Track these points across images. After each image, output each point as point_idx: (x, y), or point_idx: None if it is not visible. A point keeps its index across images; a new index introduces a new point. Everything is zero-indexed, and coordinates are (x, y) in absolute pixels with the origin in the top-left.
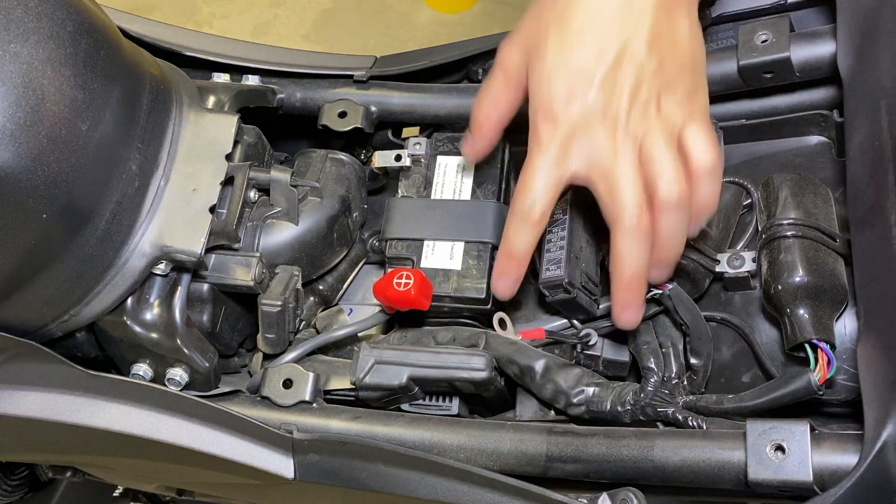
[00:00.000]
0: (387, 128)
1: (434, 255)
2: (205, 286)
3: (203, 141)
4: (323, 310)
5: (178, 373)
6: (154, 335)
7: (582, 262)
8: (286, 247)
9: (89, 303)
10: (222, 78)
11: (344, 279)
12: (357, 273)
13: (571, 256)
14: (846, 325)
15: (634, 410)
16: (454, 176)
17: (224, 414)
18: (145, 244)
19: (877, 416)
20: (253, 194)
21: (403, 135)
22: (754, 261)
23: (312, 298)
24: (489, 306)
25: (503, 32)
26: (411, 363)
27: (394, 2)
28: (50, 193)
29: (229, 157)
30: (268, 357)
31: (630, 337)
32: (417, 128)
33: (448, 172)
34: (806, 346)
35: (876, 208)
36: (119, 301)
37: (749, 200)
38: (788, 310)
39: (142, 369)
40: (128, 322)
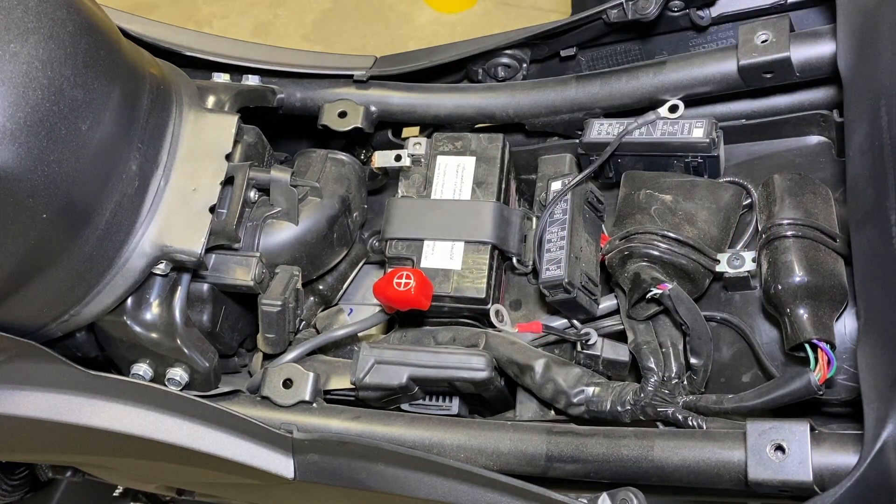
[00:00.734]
0: (387, 128)
1: (434, 255)
2: (205, 286)
3: (203, 141)
4: (323, 310)
5: (178, 373)
6: (154, 335)
7: (582, 262)
8: (286, 247)
9: (89, 303)
10: (222, 78)
11: (344, 279)
12: (357, 273)
13: (571, 256)
14: (846, 325)
15: (634, 410)
16: (454, 176)
17: (224, 414)
18: (145, 244)
19: (877, 416)
20: (253, 194)
21: (403, 135)
22: (754, 261)
23: (312, 298)
24: (489, 306)
25: (503, 32)
26: (411, 363)
27: (394, 2)
28: (50, 193)
29: (229, 157)
30: (268, 357)
31: (630, 337)
32: (417, 128)
33: (448, 172)
34: (806, 346)
35: (876, 208)
36: (119, 301)
37: (749, 200)
38: (788, 310)
39: (142, 369)
40: (128, 322)
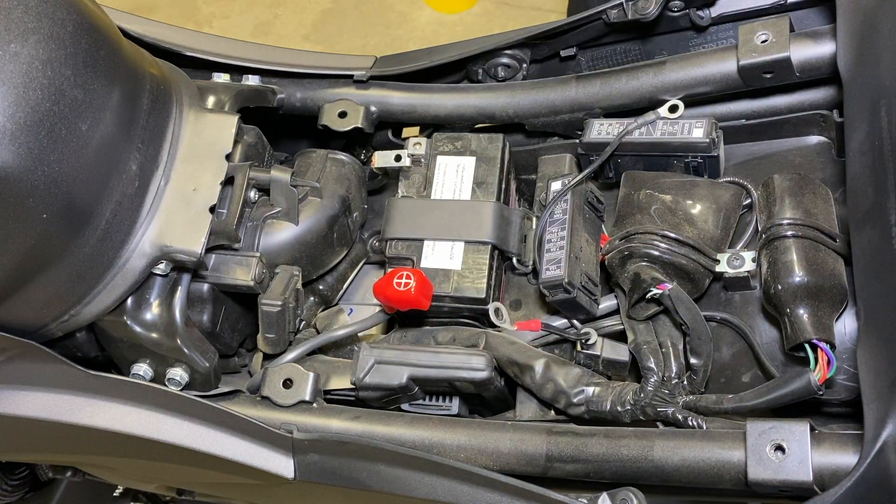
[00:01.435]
0: (387, 128)
1: (434, 255)
2: (205, 286)
3: (203, 141)
4: (323, 310)
5: (178, 373)
6: (154, 335)
7: (582, 262)
8: (286, 247)
9: (89, 303)
10: (222, 78)
11: (344, 279)
12: (357, 273)
13: (571, 256)
14: (846, 325)
15: (634, 410)
16: (454, 176)
17: (224, 414)
18: (145, 244)
19: (877, 416)
20: (253, 194)
21: (403, 135)
22: (754, 261)
23: (312, 298)
24: (488, 306)
25: (503, 32)
26: (411, 363)
27: (394, 2)
28: (50, 193)
29: (229, 157)
30: (268, 357)
31: (630, 337)
32: (417, 128)
33: (448, 172)
34: (806, 346)
35: (876, 208)
36: (119, 301)
37: (749, 200)
38: (788, 310)
39: (142, 369)
40: (128, 322)
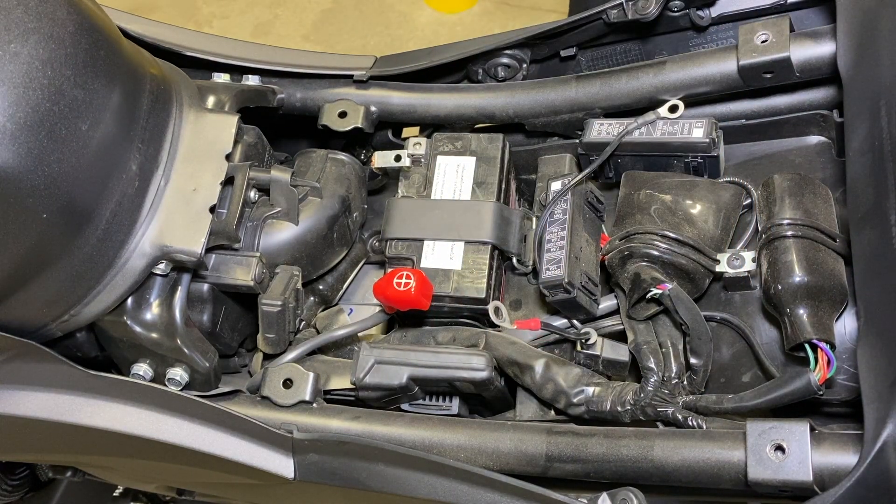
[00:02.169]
0: (387, 128)
1: (434, 255)
2: (205, 286)
3: (203, 141)
4: (323, 310)
5: (178, 373)
6: (154, 335)
7: (582, 262)
8: (286, 247)
9: (89, 303)
10: (222, 78)
11: (344, 279)
12: (357, 273)
13: (571, 256)
14: (846, 325)
15: (634, 410)
16: (454, 176)
17: (224, 414)
18: (145, 244)
19: (877, 416)
20: (253, 194)
21: (403, 135)
22: (754, 261)
23: (312, 298)
24: (488, 305)
25: (503, 32)
26: (411, 363)
27: (394, 2)
28: (50, 193)
29: (229, 157)
30: (268, 357)
31: (630, 337)
32: (417, 128)
33: (448, 172)
34: (806, 346)
35: (876, 208)
36: (119, 301)
37: (749, 200)
38: (788, 310)
39: (142, 369)
40: (128, 322)
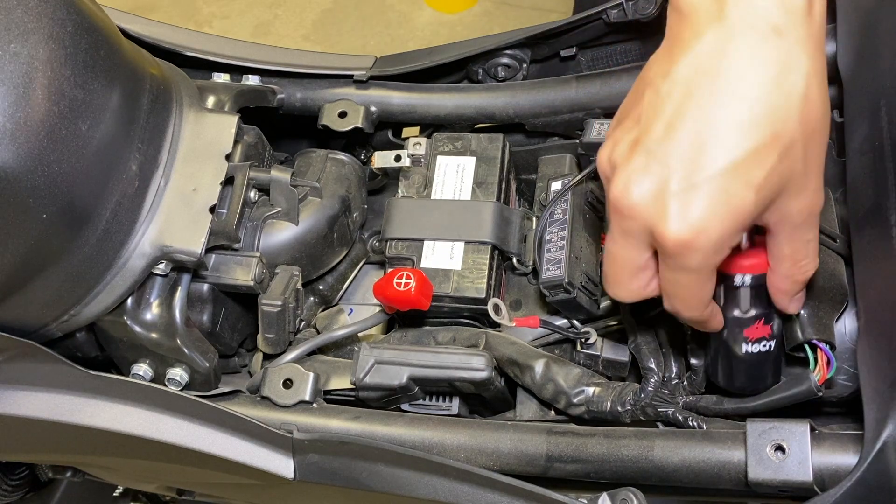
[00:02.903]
0: (387, 128)
1: (434, 255)
2: (205, 286)
3: (203, 141)
4: (323, 310)
5: (178, 373)
6: (154, 335)
7: (582, 262)
8: (286, 247)
9: (89, 303)
10: (222, 78)
11: (344, 279)
12: (357, 273)
13: (571, 256)
14: (846, 325)
15: (634, 410)
16: (454, 176)
17: (224, 414)
18: (145, 244)
19: (877, 416)
20: (253, 194)
21: (403, 135)
22: None
23: (312, 298)
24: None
25: (503, 32)
26: (411, 363)
27: (394, 2)
28: (50, 193)
29: (229, 157)
30: (268, 357)
31: (630, 337)
32: (417, 128)
33: (448, 172)
34: (806, 347)
35: (876, 208)
36: (119, 301)
37: None
38: None
39: (142, 369)
40: (128, 322)
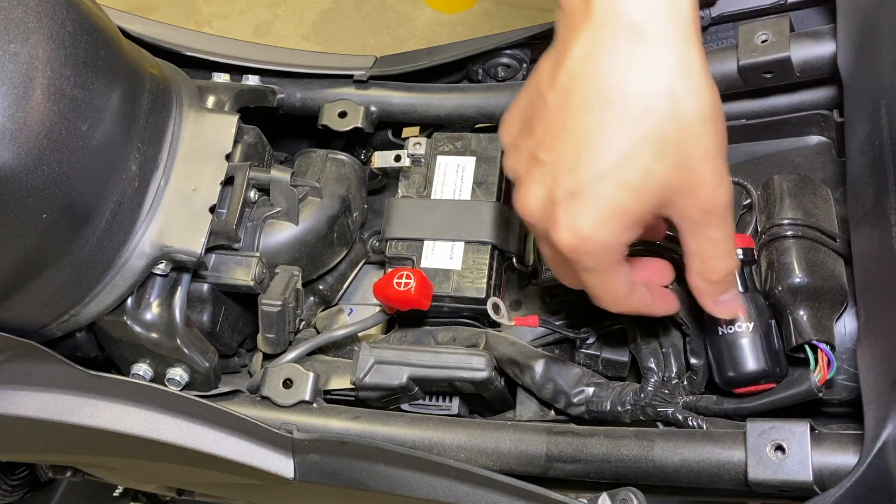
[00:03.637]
0: (387, 128)
1: (434, 255)
2: (205, 286)
3: (203, 141)
4: (323, 310)
5: (178, 373)
6: (154, 335)
7: None
8: (286, 247)
9: (89, 303)
10: (222, 78)
11: (344, 279)
12: (357, 273)
13: None
14: (846, 325)
15: (634, 410)
16: (454, 176)
17: (224, 414)
18: (145, 244)
19: (877, 416)
20: (253, 194)
21: (403, 135)
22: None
23: (312, 298)
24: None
25: (503, 32)
26: (411, 363)
27: (394, 2)
28: (50, 193)
29: (229, 157)
30: (268, 357)
31: (630, 337)
32: (417, 128)
33: (448, 172)
34: (806, 347)
35: (876, 208)
36: (119, 301)
37: (749, 200)
38: (788, 311)
39: (142, 369)
40: (128, 322)
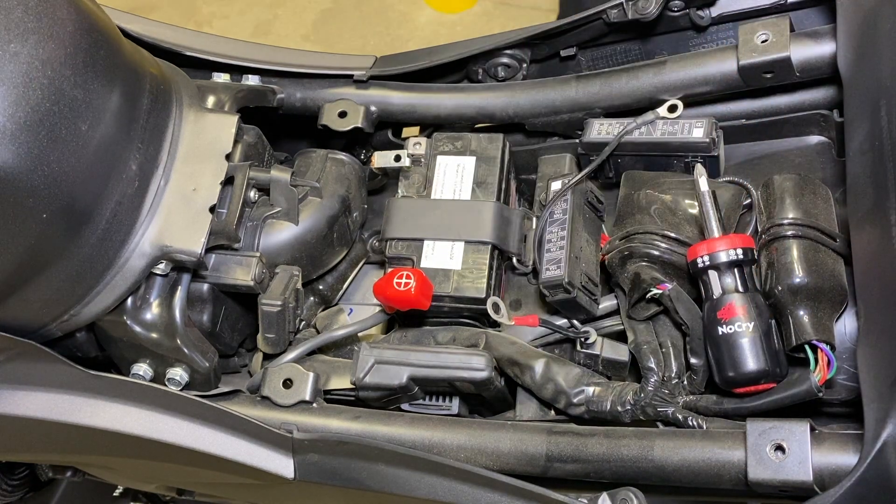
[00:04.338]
0: (387, 128)
1: (434, 255)
2: (205, 286)
3: (203, 141)
4: (323, 310)
5: (178, 373)
6: (154, 335)
7: (582, 262)
8: (286, 247)
9: (89, 303)
10: (222, 78)
11: (344, 279)
12: (357, 273)
13: (571, 256)
14: (846, 325)
15: (634, 410)
16: (454, 176)
17: (224, 414)
18: (145, 244)
19: (877, 416)
20: (253, 194)
21: (403, 135)
22: None
23: (312, 298)
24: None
25: (503, 32)
26: (411, 363)
27: (394, 2)
28: (50, 193)
29: (229, 157)
30: (268, 357)
31: (630, 337)
32: (417, 128)
33: (448, 172)
34: (806, 347)
35: (876, 208)
36: (119, 301)
37: (749, 200)
38: (788, 311)
39: (142, 369)
40: (128, 322)
